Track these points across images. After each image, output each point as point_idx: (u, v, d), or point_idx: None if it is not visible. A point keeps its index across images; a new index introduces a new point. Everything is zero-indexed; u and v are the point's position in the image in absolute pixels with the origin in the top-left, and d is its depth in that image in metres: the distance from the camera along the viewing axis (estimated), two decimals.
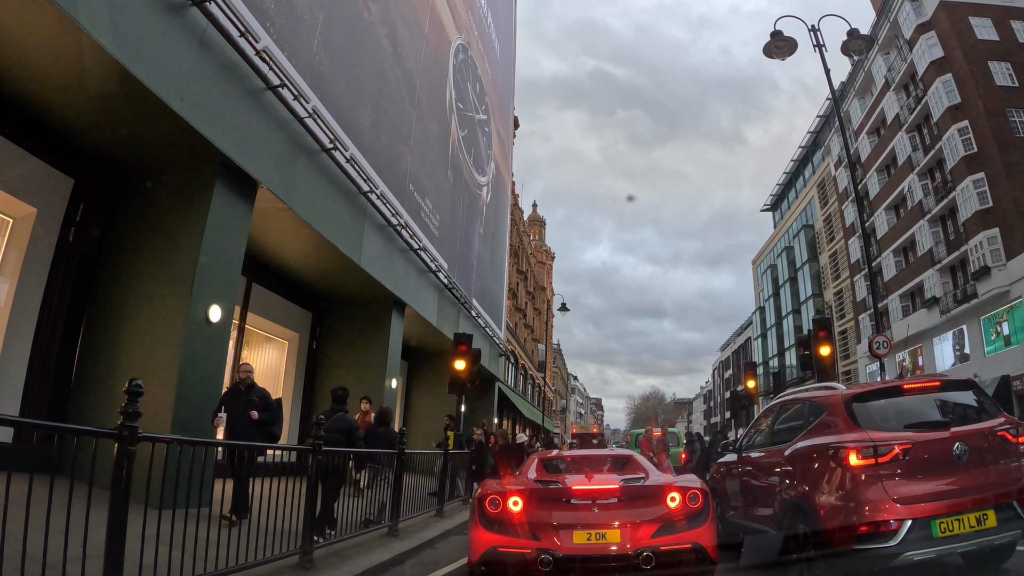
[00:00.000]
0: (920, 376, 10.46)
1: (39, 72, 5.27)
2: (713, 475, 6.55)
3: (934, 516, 3.70)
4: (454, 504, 9.21)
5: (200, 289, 5.98)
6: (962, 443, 3.91)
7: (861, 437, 4.17)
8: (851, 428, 4.31)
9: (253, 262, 9.37)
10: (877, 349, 9.63)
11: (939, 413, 4.38)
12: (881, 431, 4.16)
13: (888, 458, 4.01)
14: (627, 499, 3.86)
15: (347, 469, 5.71)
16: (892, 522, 3.76)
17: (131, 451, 2.56)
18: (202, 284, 6.02)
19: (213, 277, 6.20)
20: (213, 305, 6.14)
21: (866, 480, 3.96)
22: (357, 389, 11.03)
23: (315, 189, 7.96)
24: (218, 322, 6.21)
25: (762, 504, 5.07)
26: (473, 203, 17.80)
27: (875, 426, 4.25)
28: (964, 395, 4.49)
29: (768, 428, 5.49)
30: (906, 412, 4.40)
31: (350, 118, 9.05)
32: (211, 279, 6.18)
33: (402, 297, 11.24)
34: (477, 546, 3.82)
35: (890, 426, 4.25)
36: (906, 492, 3.84)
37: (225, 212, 6.39)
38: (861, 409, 4.44)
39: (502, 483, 4.24)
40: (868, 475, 3.97)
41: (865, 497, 3.89)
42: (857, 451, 4.09)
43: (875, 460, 4.03)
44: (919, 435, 4.05)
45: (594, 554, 3.64)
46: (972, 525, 3.67)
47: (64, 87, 5.46)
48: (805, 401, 5.02)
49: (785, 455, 4.78)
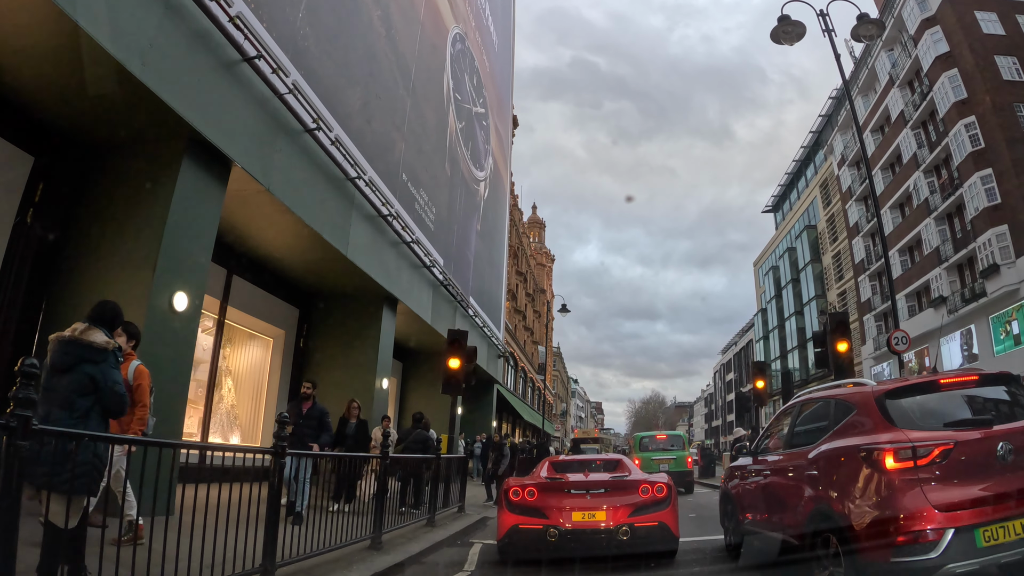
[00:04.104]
0: (955, 370, 10.02)
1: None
2: (726, 479, 6.08)
3: (978, 524, 3.32)
4: (448, 512, 8.59)
5: (164, 274, 5.47)
6: (1007, 442, 3.51)
7: (897, 437, 3.76)
8: (885, 427, 3.90)
9: (233, 253, 8.87)
10: (896, 345, 9.10)
11: (979, 410, 3.99)
12: (918, 430, 3.73)
13: (927, 460, 3.59)
14: (612, 490, 5.21)
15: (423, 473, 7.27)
16: (931, 531, 3.36)
17: (20, 447, 2.05)
18: (166, 269, 5.51)
19: (179, 262, 5.70)
20: (179, 292, 5.62)
21: (903, 485, 3.53)
22: (346, 389, 10.53)
23: (296, 172, 7.46)
24: (184, 311, 5.70)
25: (783, 511, 4.60)
26: (471, 198, 17.31)
27: (911, 424, 3.81)
28: (1000, 390, 4.07)
29: (787, 429, 5.01)
30: (943, 409, 4.00)
31: (337, 99, 8.56)
32: (177, 264, 5.67)
33: (394, 292, 10.72)
34: (503, 525, 5.17)
35: (928, 424, 3.83)
36: (947, 498, 3.43)
37: (194, 191, 5.89)
38: (895, 406, 4.02)
39: (521, 479, 5.64)
40: (906, 479, 3.54)
41: (903, 504, 3.48)
42: (894, 453, 3.68)
43: (914, 463, 3.63)
44: (960, 434, 3.65)
45: (587, 528, 4.95)
46: (1018, 532, 3.31)
47: (16, 50, 4.98)
48: (830, 399, 4.56)
49: (809, 458, 4.31)
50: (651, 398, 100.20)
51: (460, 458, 9.75)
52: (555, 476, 5.65)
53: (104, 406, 3.10)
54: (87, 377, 3.03)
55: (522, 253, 37.53)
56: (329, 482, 6.92)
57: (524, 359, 37.56)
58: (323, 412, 6.77)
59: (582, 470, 6.11)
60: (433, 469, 7.45)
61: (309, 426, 6.52)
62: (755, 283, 55.54)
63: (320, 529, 4.36)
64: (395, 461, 8.60)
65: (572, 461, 6.73)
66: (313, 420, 6.59)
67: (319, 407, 6.76)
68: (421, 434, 8.90)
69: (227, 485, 3.50)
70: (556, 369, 58.89)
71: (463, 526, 7.62)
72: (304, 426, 6.46)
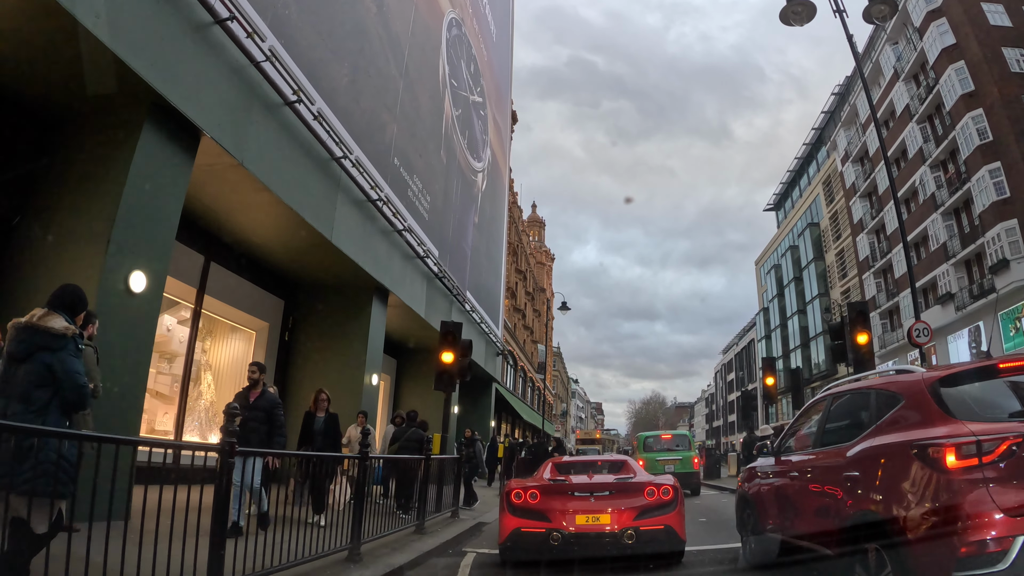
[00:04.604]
0: (1016, 352, 9.44)
1: None
2: (744, 481, 5.51)
3: None
4: (441, 517, 7.95)
5: (119, 251, 4.89)
6: None
7: (957, 430, 3.23)
8: (943, 419, 3.36)
9: (211, 238, 8.29)
10: (917, 337, 8.55)
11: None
12: (980, 422, 3.20)
13: (994, 456, 3.07)
14: (616, 492, 5.03)
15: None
16: (998, 539, 2.87)
17: None
18: (121, 245, 4.93)
19: (137, 238, 5.12)
20: (136, 272, 5.05)
21: (966, 486, 3.02)
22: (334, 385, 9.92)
23: (274, 147, 6.89)
24: (143, 293, 5.12)
25: (816, 517, 4.04)
26: (468, 189, 16.73)
27: (972, 416, 3.28)
28: None
29: (818, 425, 4.44)
30: (1007, 397, 3.48)
31: (321, 73, 7.99)
32: (134, 240, 5.09)
33: (384, 282, 10.12)
34: (505, 528, 4.99)
35: (990, 415, 3.31)
36: (1017, 500, 2.92)
37: (156, 160, 5.33)
38: (952, 395, 3.47)
39: (523, 481, 5.52)
40: (969, 479, 3.03)
41: (966, 508, 2.97)
42: (956, 449, 3.13)
43: (978, 459, 3.08)
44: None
45: (591, 532, 4.76)
46: None
47: None
48: (870, 389, 3.99)
49: (848, 457, 3.76)
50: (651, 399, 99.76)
51: (453, 459, 9.14)
52: (558, 478, 5.46)
53: (64, 399, 2.85)
54: (44, 367, 2.81)
55: (521, 251, 36.98)
56: (301, 490, 5.86)
57: (524, 358, 36.99)
58: (273, 403, 5.44)
59: (586, 471, 5.96)
60: (424, 471, 6.83)
61: (256, 419, 5.29)
62: (757, 282, 55.04)
63: (288, 539, 3.77)
64: (386, 463, 7.99)
65: (576, 462, 6.55)
66: (260, 412, 5.33)
67: (269, 396, 5.48)
68: (417, 433, 8.52)
69: (177, 488, 2.94)
70: (556, 369, 58.29)
71: (456, 532, 7.01)
72: (250, 419, 5.25)
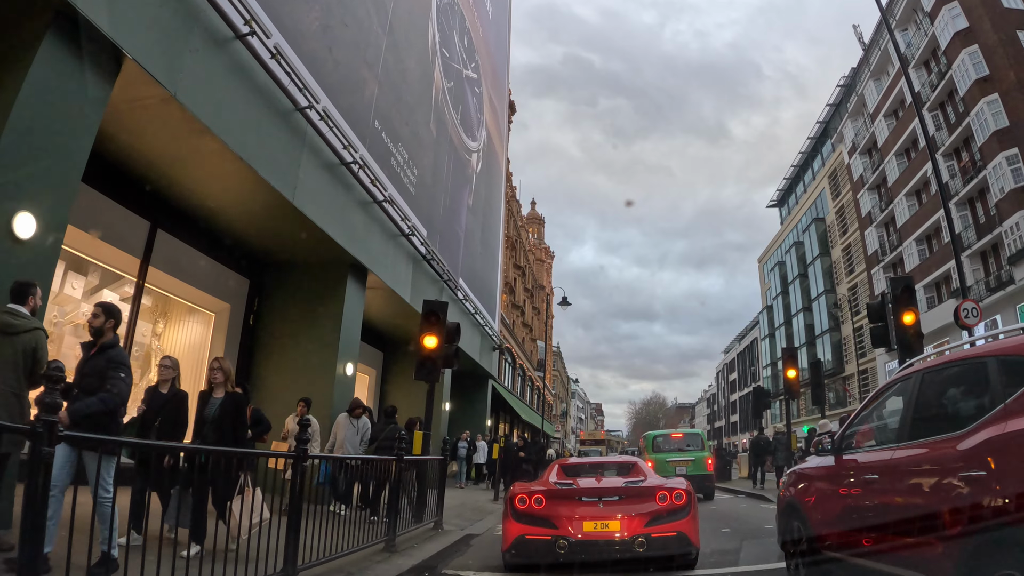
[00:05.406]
0: None
1: None
2: (789, 486, 4.43)
3: None
4: (421, 529, 6.71)
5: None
6: None
7: None
8: None
9: (156, 199, 7.21)
10: (966, 318, 7.50)
11: None
12: None
13: None
14: (626, 497, 4.84)
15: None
16: None
17: None
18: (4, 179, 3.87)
19: (26, 171, 4.06)
20: (21, 212, 3.99)
21: None
22: (304, 374, 8.88)
23: (219, 82, 5.82)
24: (31, 239, 4.05)
25: (908, 533, 2.93)
26: (461, 168, 15.67)
27: None
28: None
29: (904, 413, 3.33)
30: None
31: (285, 9, 6.94)
32: (23, 173, 4.03)
33: (361, 259, 9.03)
34: (509, 535, 4.82)
35: None
36: None
37: (60, 78, 4.29)
38: None
39: (528, 485, 5.34)
40: None
41: None
42: None
43: None
44: None
45: (600, 539, 4.61)
46: None
47: None
48: (984, 358, 2.88)
49: (961, 451, 2.66)
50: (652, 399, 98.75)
51: (437, 460, 8.03)
52: (565, 481, 5.24)
53: None
54: None
55: (520, 246, 35.92)
56: (181, 502, 4.09)
57: (523, 357, 35.89)
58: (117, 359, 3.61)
59: (594, 475, 5.71)
60: (394, 474, 5.67)
61: (89, 386, 3.52)
62: (760, 280, 54.01)
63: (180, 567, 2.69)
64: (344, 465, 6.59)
65: (583, 464, 6.23)
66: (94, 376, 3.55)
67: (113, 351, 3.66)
68: (395, 429, 7.83)
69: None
70: (556, 369, 57.15)
71: (437, 549, 5.86)
72: (83, 386, 3.54)
